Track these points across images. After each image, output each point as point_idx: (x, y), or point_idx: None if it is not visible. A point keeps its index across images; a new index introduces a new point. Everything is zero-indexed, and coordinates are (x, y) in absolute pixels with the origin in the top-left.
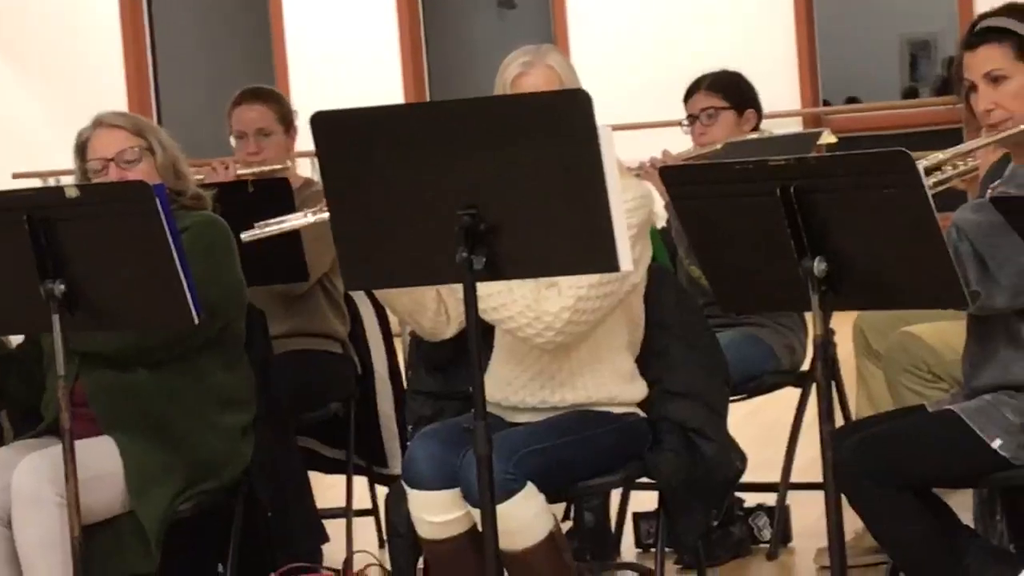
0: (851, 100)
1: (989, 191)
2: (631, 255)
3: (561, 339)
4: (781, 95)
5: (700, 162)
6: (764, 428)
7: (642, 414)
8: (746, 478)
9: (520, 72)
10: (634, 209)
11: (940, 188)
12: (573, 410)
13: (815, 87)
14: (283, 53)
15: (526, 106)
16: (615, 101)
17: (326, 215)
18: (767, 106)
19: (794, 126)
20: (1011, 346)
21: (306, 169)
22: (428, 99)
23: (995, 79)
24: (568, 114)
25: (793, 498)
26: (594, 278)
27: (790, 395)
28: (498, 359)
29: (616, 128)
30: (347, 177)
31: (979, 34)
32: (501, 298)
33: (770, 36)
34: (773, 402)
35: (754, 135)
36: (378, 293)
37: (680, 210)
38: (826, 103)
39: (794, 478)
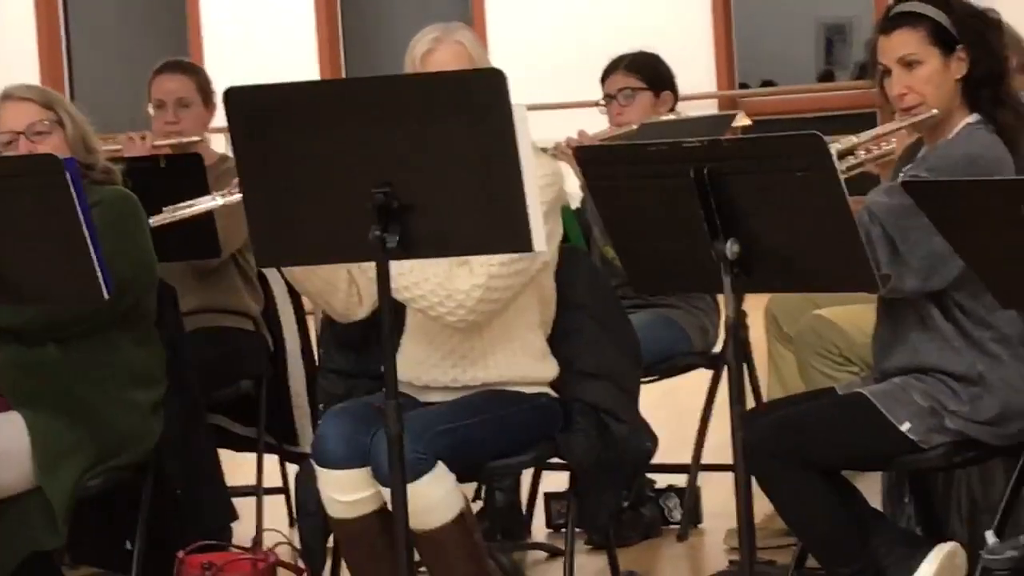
0: (767, 83)
1: (901, 175)
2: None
3: (473, 317)
4: (698, 77)
5: (615, 143)
6: (676, 409)
7: (554, 394)
8: (658, 459)
9: (429, 49)
10: (544, 187)
11: (854, 172)
12: (484, 390)
13: (731, 70)
14: (197, 28)
15: (441, 84)
16: (533, 80)
17: (236, 197)
18: (684, 88)
19: (710, 108)
20: (921, 329)
21: (221, 145)
22: (344, 76)
23: (909, 64)
24: (483, 93)
25: (704, 479)
26: (505, 256)
27: (702, 376)
28: (410, 338)
29: (534, 108)
30: (259, 154)
31: (894, 19)
32: (413, 276)
33: (687, 18)
34: (686, 383)
35: (670, 117)
36: (289, 275)
37: (594, 191)
38: (743, 86)
39: (706, 459)
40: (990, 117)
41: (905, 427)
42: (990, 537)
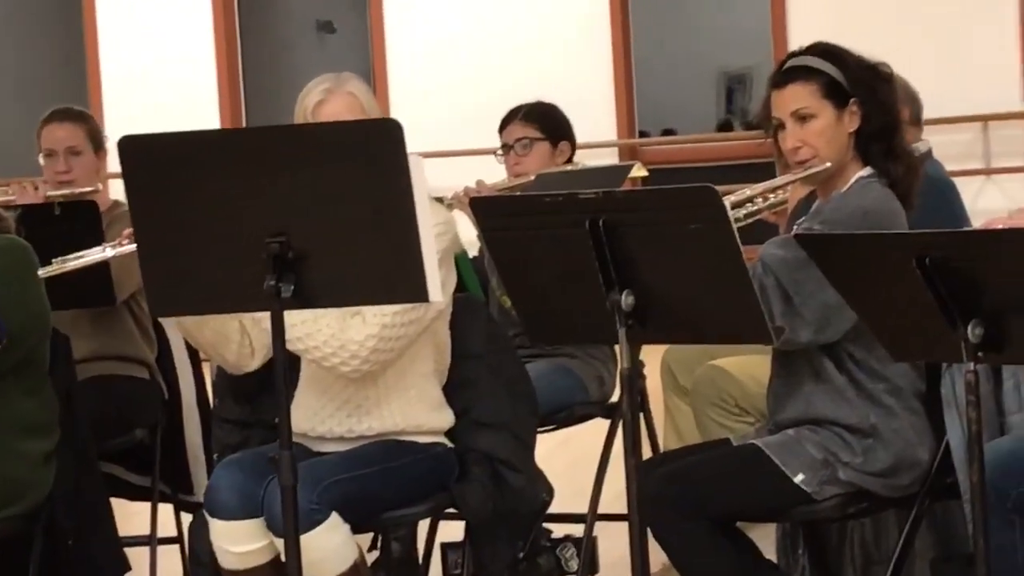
0: (668, 132)
1: (795, 227)
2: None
3: (367, 367)
4: (598, 126)
5: (511, 194)
6: (574, 459)
7: (449, 444)
8: (555, 509)
9: (320, 100)
10: (437, 235)
11: (750, 220)
12: (380, 440)
13: (632, 118)
14: (97, 74)
15: (337, 134)
16: (432, 128)
17: (128, 248)
18: (584, 137)
19: (611, 157)
20: (814, 381)
21: (118, 191)
22: (245, 124)
23: (802, 117)
24: (379, 142)
25: (601, 529)
26: (398, 306)
27: (600, 426)
28: (304, 389)
29: (433, 156)
30: (153, 203)
31: (787, 73)
32: (305, 328)
33: (587, 67)
34: (583, 433)
35: (567, 167)
36: (180, 326)
37: (490, 241)
38: (643, 134)
39: (603, 509)
40: (883, 170)
41: (799, 478)
42: None
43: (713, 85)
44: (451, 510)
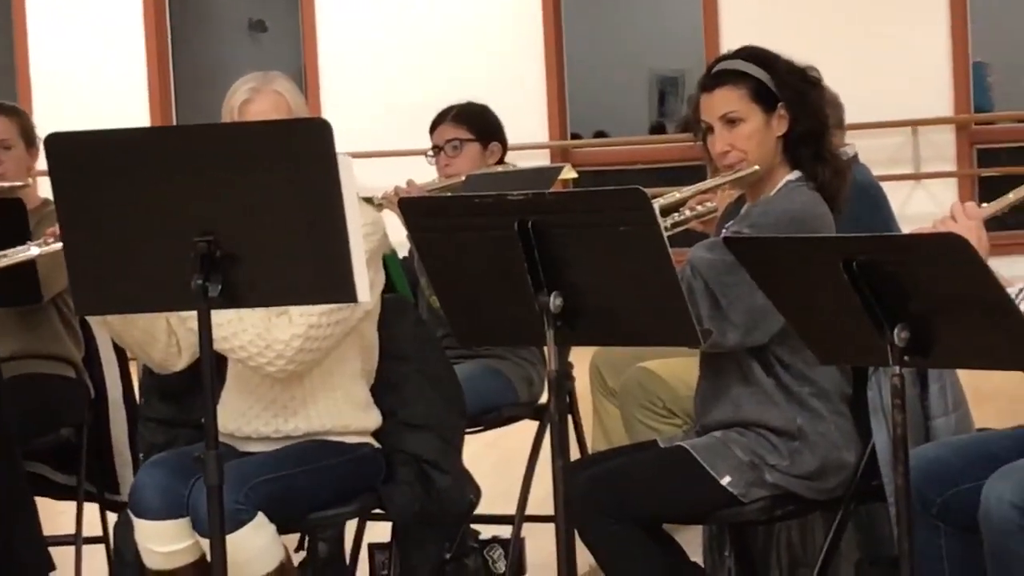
0: (600, 134)
1: (723, 231)
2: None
3: (293, 367)
4: (530, 127)
5: (440, 195)
6: (502, 460)
7: (376, 445)
8: (483, 510)
9: (247, 99)
10: (365, 236)
11: (678, 230)
12: (306, 440)
13: (563, 120)
14: (26, 71)
15: (266, 133)
16: (364, 128)
17: (54, 247)
18: (516, 138)
19: (542, 159)
20: (742, 384)
21: (45, 188)
22: (175, 122)
23: (731, 121)
24: (308, 142)
25: (529, 531)
26: (325, 306)
27: (528, 427)
28: (230, 389)
29: (364, 156)
30: (81, 200)
31: (716, 77)
32: (231, 327)
33: (520, 68)
34: (511, 434)
35: (498, 168)
36: (107, 326)
37: (418, 242)
38: (575, 136)
39: (531, 510)
40: (811, 174)
41: (725, 481)
42: None
43: (645, 88)
44: (378, 511)
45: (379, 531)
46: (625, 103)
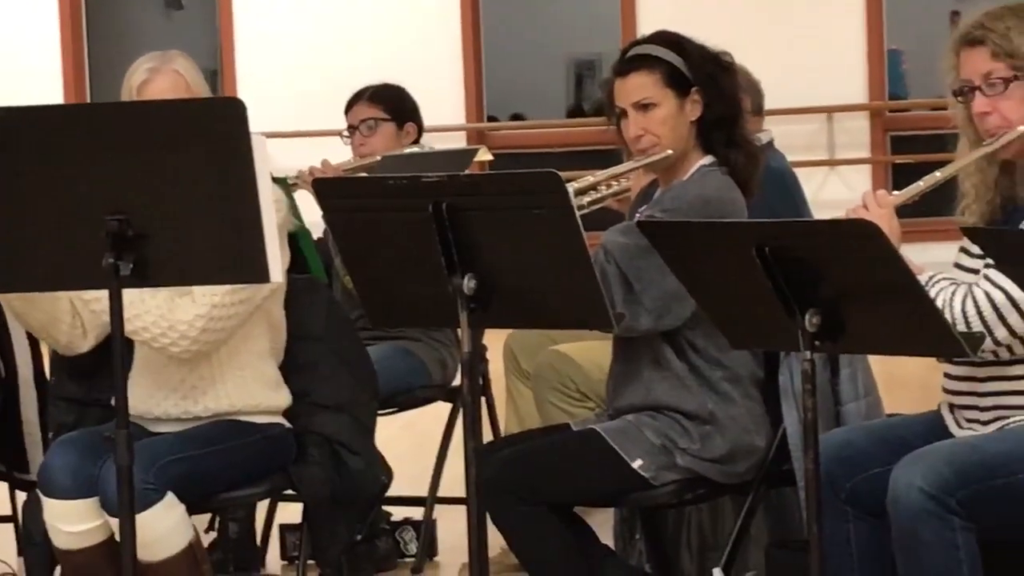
0: (516, 117)
1: (637, 215)
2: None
3: (197, 347)
4: (447, 109)
5: (354, 176)
6: (417, 442)
7: (288, 425)
8: (396, 492)
9: (145, 79)
10: None
11: (594, 207)
12: (217, 420)
13: (480, 102)
14: None
15: (179, 112)
16: (280, 107)
17: None
18: (432, 120)
19: (459, 141)
20: (654, 367)
21: None
22: (89, 99)
23: (644, 106)
24: (222, 122)
25: (441, 512)
26: (228, 285)
27: (442, 409)
28: (139, 370)
29: (280, 135)
30: None
31: (629, 61)
32: (134, 308)
33: (437, 49)
34: (425, 416)
35: (413, 149)
36: (9, 307)
37: (332, 223)
38: (492, 119)
39: (444, 492)
40: (724, 159)
41: (637, 464)
42: (717, 574)
43: (563, 71)
44: (289, 491)
45: (290, 512)
46: (542, 86)
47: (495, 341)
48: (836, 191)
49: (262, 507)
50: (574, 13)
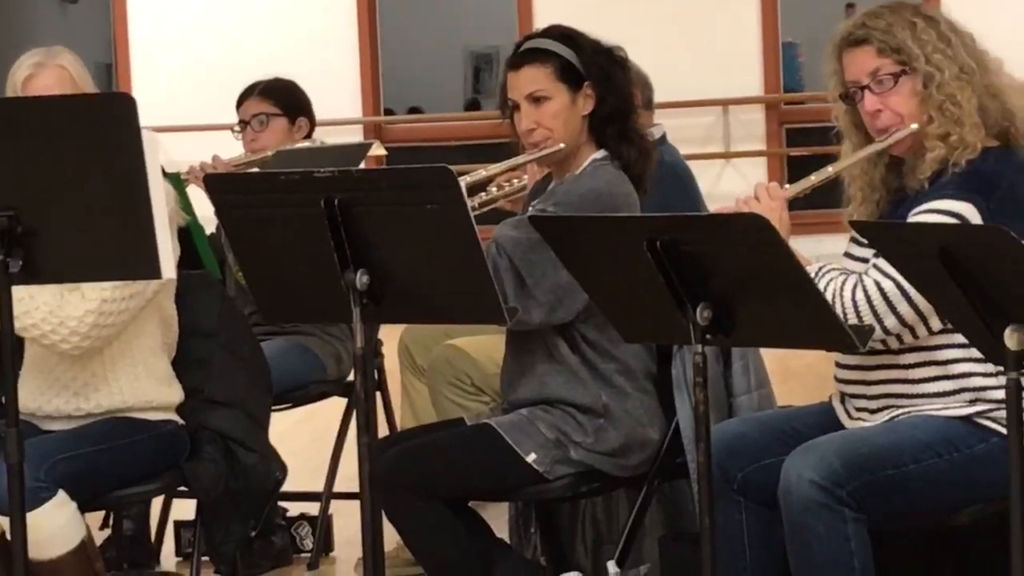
0: (414, 110)
1: (530, 209)
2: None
3: (88, 344)
4: (342, 103)
5: (245, 171)
6: (314, 437)
7: (180, 422)
8: (293, 487)
9: (30, 74)
10: None
11: (486, 208)
12: (109, 417)
13: (377, 96)
14: None
15: (69, 108)
16: (173, 102)
17: None
18: (328, 114)
19: (355, 135)
20: (548, 361)
21: None
22: None
23: (537, 99)
24: (111, 118)
25: (337, 508)
26: (119, 280)
27: (339, 404)
28: (29, 367)
29: (174, 130)
30: None
31: (522, 55)
32: (23, 305)
33: (333, 43)
34: (323, 411)
35: (306, 144)
36: None
37: (223, 218)
38: (389, 112)
39: (340, 488)
40: (616, 153)
41: (531, 458)
42: (611, 567)
43: (460, 64)
44: (184, 488)
45: (185, 508)
46: (440, 79)
47: (390, 336)
48: (732, 183)
49: (157, 503)
50: (471, 6)
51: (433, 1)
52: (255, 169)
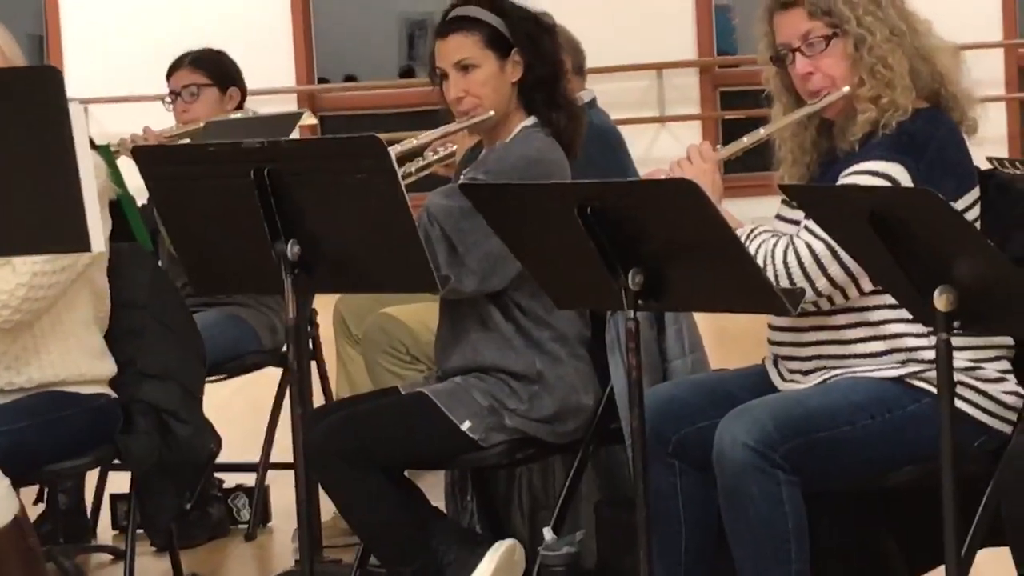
0: (350, 78)
1: (461, 177)
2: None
3: (19, 317)
4: (276, 72)
5: (174, 143)
6: (250, 407)
7: (113, 395)
8: (230, 458)
9: None
10: None
11: (422, 174)
12: (40, 391)
13: (310, 64)
14: None
15: None
16: (106, 73)
17: None
18: (261, 83)
19: (290, 104)
20: (481, 329)
21: None
22: None
23: (465, 67)
24: (38, 91)
25: (274, 478)
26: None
27: (276, 374)
28: None
29: (104, 102)
30: None
31: (449, 23)
32: None
33: (265, 11)
34: (259, 381)
35: (237, 114)
36: None
37: (154, 191)
38: (323, 80)
39: (277, 458)
40: (546, 120)
41: (465, 426)
42: (547, 534)
43: (395, 31)
44: (119, 461)
45: (121, 481)
46: (374, 46)
47: (326, 305)
48: (667, 147)
49: (92, 477)
50: None
51: None
52: (186, 140)
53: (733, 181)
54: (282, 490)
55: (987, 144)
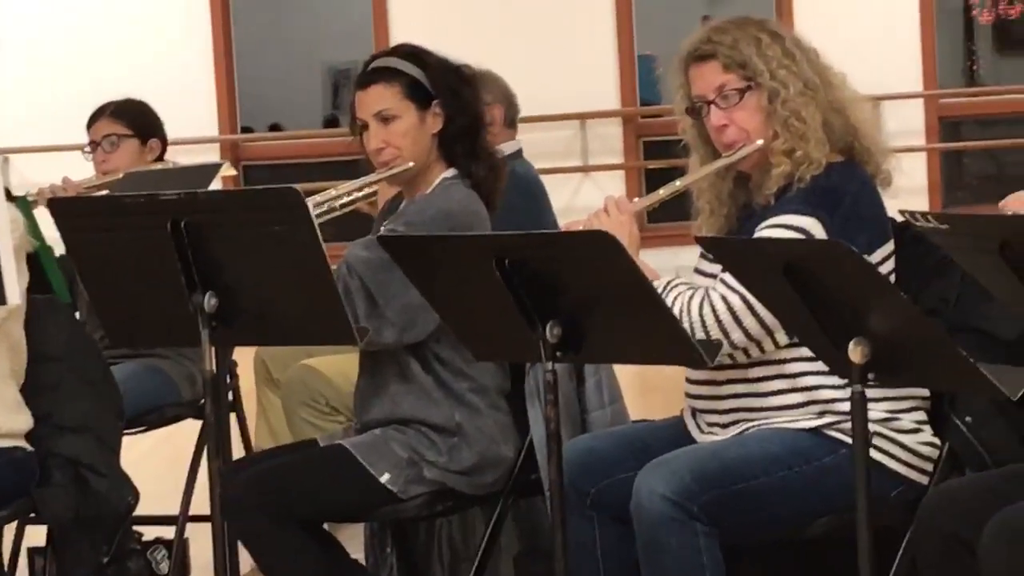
0: (275, 127)
1: (381, 229)
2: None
3: None
4: (199, 122)
5: (91, 194)
6: (170, 460)
7: (29, 448)
8: (151, 510)
9: None
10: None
11: (346, 210)
12: None
13: (233, 113)
14: None
15: None
16: (25, 122)
17: None
18: (184, 133)
19: (212, 154)
20: (400, 381)
21: None
22: None
23: (385, 118)
24: None
25: (194, 531)
26: None
27: (196, 426)
28: None
29: (21, 151)
30: None
31: (370, 74)
32: None
33: (187, 60)
34: (179, 433)
35: (157, 165)
36: None
37: (70, 242)
38: (247, 130)
39: (196, 511)
40: (466, 171)
41: (384, 478)
42: None
43: (320, 80)
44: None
45: (39, 535)
46: (299, 95)
47: (246, 355)
48: (591, 197)
49: (9, 531)
50: (329, 21)
51: (290, 16)
52: (104, 192)
53: (656, 231)
54: (202, 543)
55: (908, 194)
